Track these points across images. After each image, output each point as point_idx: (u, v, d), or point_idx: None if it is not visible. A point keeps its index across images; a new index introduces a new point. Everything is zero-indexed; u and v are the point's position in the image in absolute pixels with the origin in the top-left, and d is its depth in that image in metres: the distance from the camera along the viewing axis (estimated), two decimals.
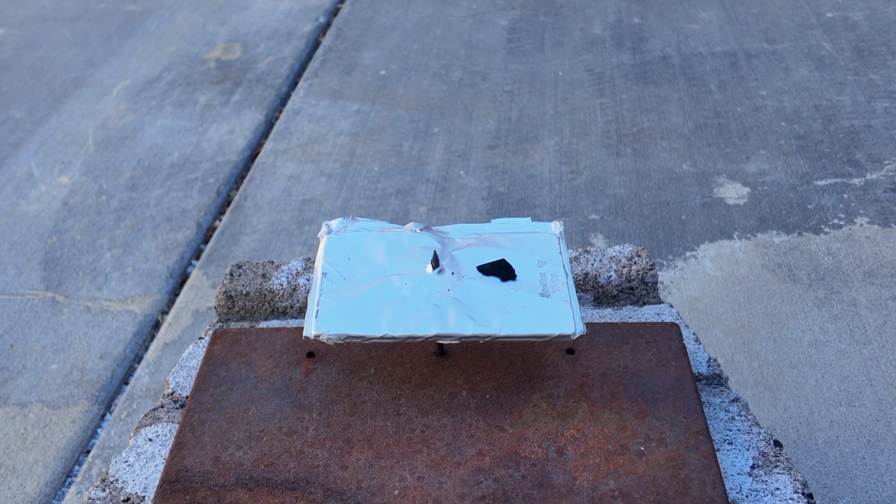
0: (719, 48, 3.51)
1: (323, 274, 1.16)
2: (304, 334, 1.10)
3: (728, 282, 2.33)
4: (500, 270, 1.15)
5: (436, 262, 1.16)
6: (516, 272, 1.15)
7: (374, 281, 1.14)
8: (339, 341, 1.08)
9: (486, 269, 1.15)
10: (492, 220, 1.27)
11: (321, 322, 1.09)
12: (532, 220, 1.25)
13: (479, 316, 1.08)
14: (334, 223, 1.26)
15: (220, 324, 1.35)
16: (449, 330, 1.07)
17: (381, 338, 1.07)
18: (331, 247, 1.22)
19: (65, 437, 2.06)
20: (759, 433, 1.10)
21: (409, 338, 1.07)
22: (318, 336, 1.08)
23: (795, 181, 2.69)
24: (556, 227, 1.23)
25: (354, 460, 1.05)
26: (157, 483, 1.06)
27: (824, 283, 2.29)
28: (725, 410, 1.14)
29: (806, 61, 3.35)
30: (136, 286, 2.48)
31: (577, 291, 1.33)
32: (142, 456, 1.12)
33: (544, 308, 1.09)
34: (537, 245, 1.20)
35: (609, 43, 3.63)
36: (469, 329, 1.07)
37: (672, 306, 1.32)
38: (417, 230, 1.23)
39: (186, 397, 1.21)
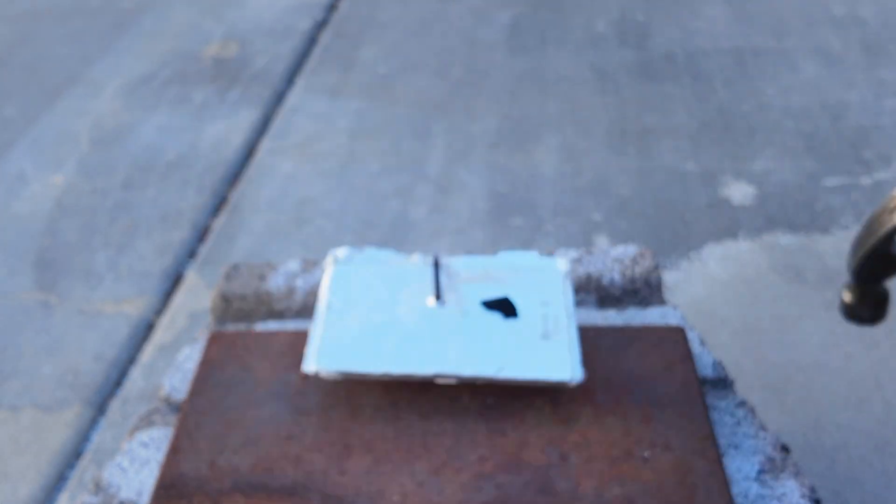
0: (725, 45, 3.48)
1: (326, 306, 1.17)
2: (302, 369, 1.11)
3: (734, 283, 2.30)
4: (503, 307, 1.16)
5: (438, 297, 1.17)
6: (518, 311, 1.15)
7: (376, 315, 1.15)
8: (339, 378, 1.09)
9: (489, 305, 1.16)
10: (498, 253, 1.27)
11: (322, 358, 1.10)
12: (539, 255, 1.26)
13: (478, 357, 1.09)
14: (341, 252, 1.27)
15: (216, 326, 1.34)
16: (447, 370, 1.08)
17: (380, 375, 1.08)
18: (336, 277, 1.22)
19: (58, 441, 2.04)
20: (766, 438, 1.09)
21: (407, 376, 1.08)
22: (318, 372, 1.09)
23: (803, 181, 2.67)
24: (562, 264, 1.23)
25: (353, 465, 1.03)
26: (151, 488, 1.05)
27: (833, 285, 2.26)
28: (731, 414, 1.13)
29: (814, 58, 3.33)
30: (130, 287, 2.46)
31: (580, 293, 1.32)
32: (136, 460, 1.11)
33: (544, 352, 1.10)
34: (542, 283, 1.20)
35: (613, 40, 3.61)
36: (467, 371, 1.08)
37: (677, 308, 1.31)
38: (424, 263, 1.25)
39: (181, 401, 1.19)
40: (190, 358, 1.27)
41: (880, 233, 0.89)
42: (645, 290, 1.33)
